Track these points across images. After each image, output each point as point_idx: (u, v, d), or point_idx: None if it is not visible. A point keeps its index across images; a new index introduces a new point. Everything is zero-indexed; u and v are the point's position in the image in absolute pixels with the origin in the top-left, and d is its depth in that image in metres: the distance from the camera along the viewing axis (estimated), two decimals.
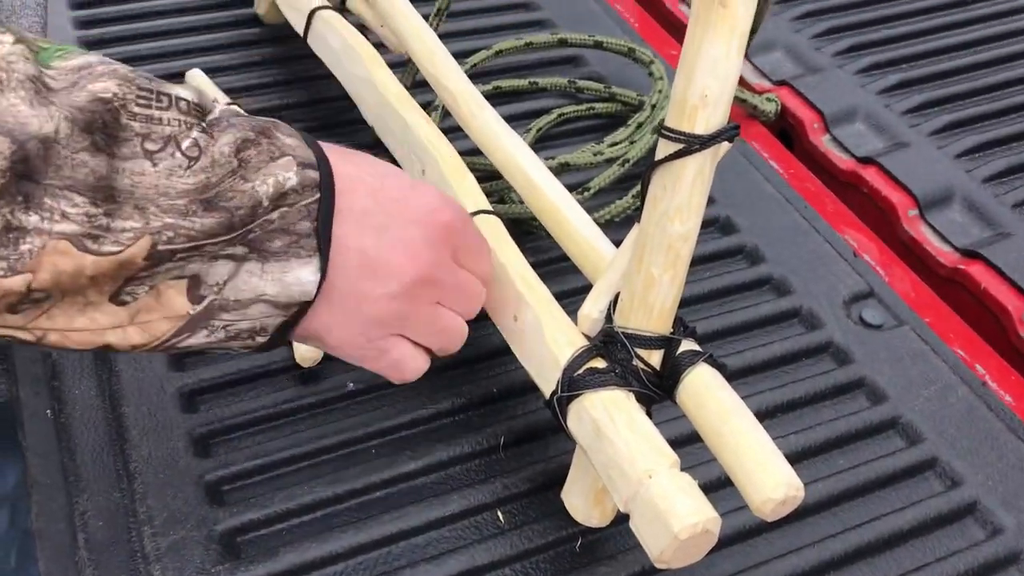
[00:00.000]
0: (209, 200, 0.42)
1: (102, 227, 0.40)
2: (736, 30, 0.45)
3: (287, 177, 0.44)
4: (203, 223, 0.42)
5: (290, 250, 0.45)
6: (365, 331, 0.50)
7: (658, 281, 0.50)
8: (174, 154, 0.41)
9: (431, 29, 0.75)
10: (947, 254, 0.82)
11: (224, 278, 0.44)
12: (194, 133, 0.42)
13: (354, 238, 0.47)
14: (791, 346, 0.72)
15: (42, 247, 0.39)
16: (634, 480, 0.47)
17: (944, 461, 0.66)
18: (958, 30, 1.04)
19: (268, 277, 0.45)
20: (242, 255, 0.44)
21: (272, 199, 0.44)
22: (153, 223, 0.41)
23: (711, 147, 0.47)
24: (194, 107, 0.43)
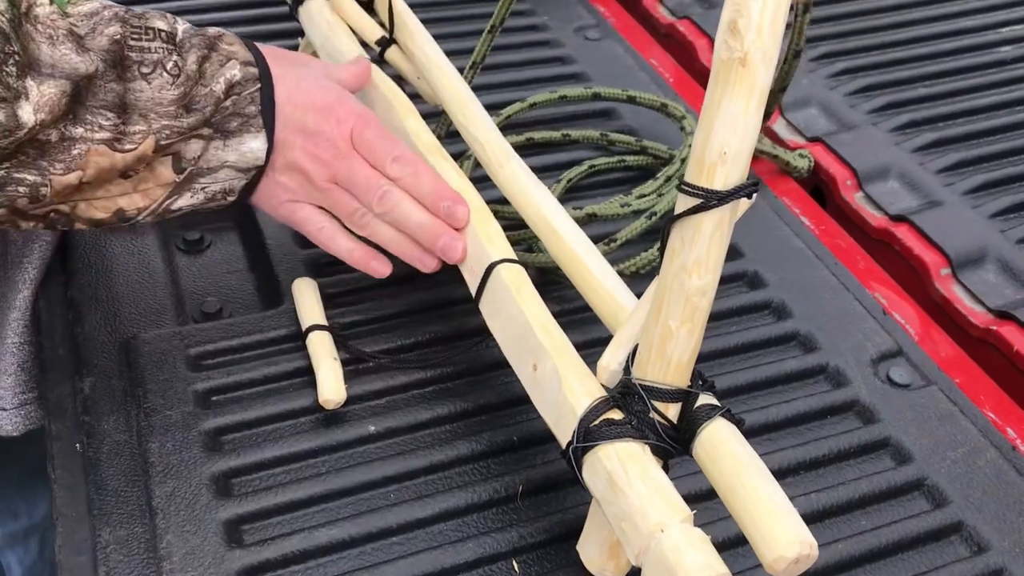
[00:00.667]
0: (187, 105, 0.58)
1: (123, 132, 0.56)
2: (755, 88, 0.45)
3: (234, 75, 0.60)
4: (187, 121, 0.58)
5: (243, 128, 0.61)
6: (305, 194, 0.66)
7: (675, 334, 0.50)
8: (161, 74, 0.57)
9: (465, 82, 0.76)
10: (979, 314, 0.81)
11: (197, 153, 0.60)
12: (173, 57, 0.58)
13: (288, 110, 0.63)
14: (816, 403, 0.71)
15: (87, 151, 0.55)
16: (646, 533, 0.47)
17: (970, 526, 0.64)
18: (994, 90, 1.04)
19: (229, 149, 0.61)
20: (208, 135, 0.60)
21: (225, 93, 0.60)
22: (153, 125, 0.57)
23: (729, 203, 0.47)
24: (169, 35, 0.58)
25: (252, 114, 0.61)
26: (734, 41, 0.45)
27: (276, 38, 1.01)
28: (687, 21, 1.12)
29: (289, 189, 0.65)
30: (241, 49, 0.62)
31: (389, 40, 0.83)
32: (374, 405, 0.69)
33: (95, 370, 0.69)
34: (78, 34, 0.54)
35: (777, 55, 0.46)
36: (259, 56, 0.63)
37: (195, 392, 0.68)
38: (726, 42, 0.45)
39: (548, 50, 1.06)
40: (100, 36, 0.55)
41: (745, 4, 0.45)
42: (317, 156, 0.64)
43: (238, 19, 1.04)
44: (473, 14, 1.09)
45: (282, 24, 1.02)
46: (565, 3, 1.13)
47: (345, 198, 0.66)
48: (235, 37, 0.62)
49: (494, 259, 0.64)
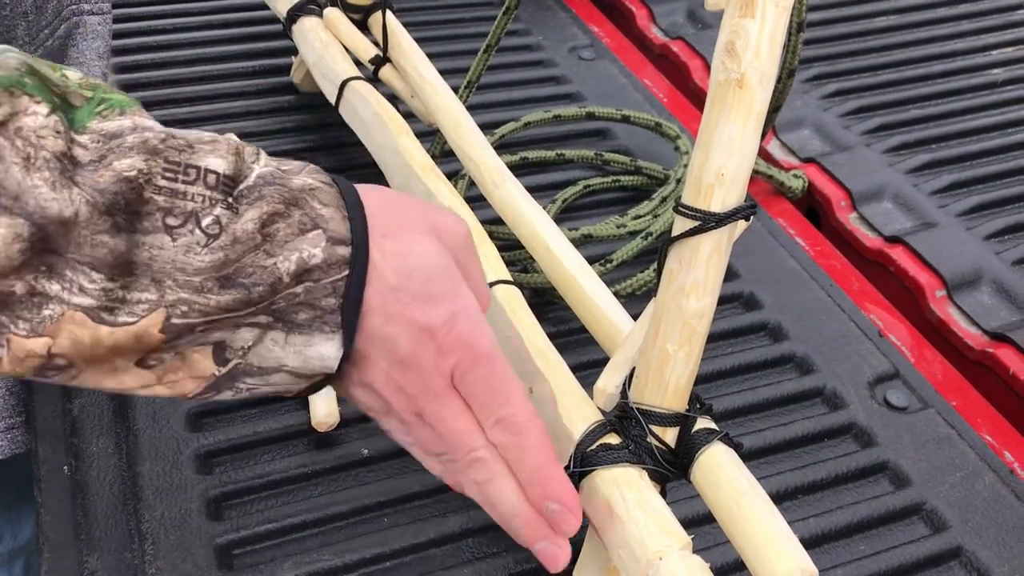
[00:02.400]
0: (226, 277, 0.42)
1: (118, 299, 0.41)
2: (753, 110, 0.45)
3: (313, 254, 0.43)
4: (218, 300, 0.42)
5: (314, 324, 0.44)
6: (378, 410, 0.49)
7: (673, 358, 0.49)
8: (193, 231, 0.41)
9: (459, 101, 0.76)
10: (975, 336, 0.81)
11: (248, 344, 0.44)
12: (217, 210, 0.42)
13: (380, 328, 0.46)
14: (813, 426, 0.71)
15: (61, 315, 0.41)
16: (643, 562, 0.46)
17: (969, 551, 0.64)
18: (989, 111, 1.04)
19: (291, 349, 0.45)
20: (266, 323, 0.44)
21: (294, 276, 0.43)
22: (168, 296, 0.42)
23: (727, 225, 0.47)
24: (223, 180, 0.42)
25: (330, 308, 0.44)
26: (731, 62, 0.45)
27: (270, 56, 1.01)
28: (681, 42, 1.13)
29: (363, 403, 0.49)
30: (336, 215, 0.44)
31: (383, 59, 0.83)
32: (367, 427, 0.68)
33: (83, 391, 0.68)
34: (74, 159, 0.40)
35: (775, 76, 0.46)
36: (360, 228, 0.45)
37: (186, 414, 0.67)
38: (723, 63, 0.45)
39: (542, 70, 1.06)
40: (105, 170, 0.40)
41: (742, 25, 0.44)
42: (402, 389, 0.47)
43: (231, 37, 1.04)
44: (468, 33, 1.09)
45: (276, 43, 1.02)
46: (560, 23, 1.13)
47: (431, 438, 0.49)
48: (334, 192, 0.45)
49: (489, 280, 0.63)
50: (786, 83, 0.81)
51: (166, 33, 1.03)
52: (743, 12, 0.44)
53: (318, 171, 0.46)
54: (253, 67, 1.00)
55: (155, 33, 1.03)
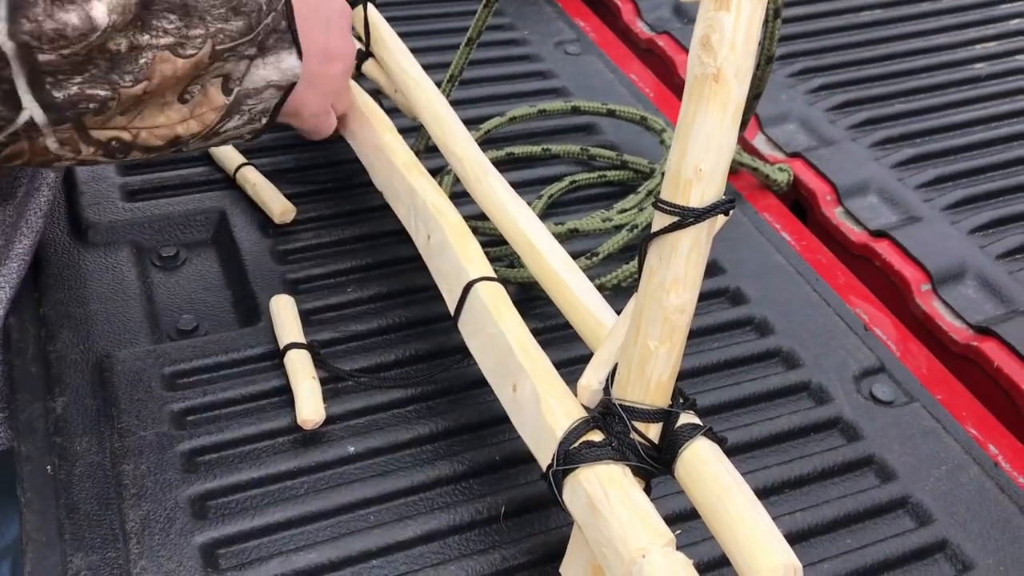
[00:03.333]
0: (236, 8, 0.57)
1: (185, 36, 0.55)
2: (729, 104, 0.45)
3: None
4: (236, 25, 0.58)
5: (278, 45, 0.62)
6: (324, 101, 0.74)
7: (655, 354, 0.49)
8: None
9: (443, 96, 0.76)
10: (960, 330, 0.81)
11: (243, 73, 0.60)
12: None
13: (310, 32, 0.66)
14: (799, 420, 0.71)
15: (153, 58, 0.54)
16: (627, 559, 0.46)
17: (955, 544, 0.64)
18: (973, 106, 1.05)
19: (270, 67, 0.62)
20: (252, 55, 0.60)
21: (267, 3, 0.60)
22: (211, 28, 0.56)
23: (706, 220, 0.47)
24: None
25: (284, 28, 0.62)
26: (707, 56, 0.45)
27: None
28: (666, 36, 1.12)
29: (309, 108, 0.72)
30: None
31: (366, 53, 0.82)
32: (353, 425, 0.68)
33: (67, 389, 0.68)
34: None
35: (751, 70, 0.45)
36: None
37: (170, 412, 0.67)
38: (699, 57, 0.45)
39: (528, 64, 1.06)
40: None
41: (717, 19, 0.44)
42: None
43: None
44: (452, 28, 1.08)
45: None
46: (545, 18, 1.13)
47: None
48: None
49: (472, 277, 0.63)
50: (765, 70, 0.81)
51: None
52: (718, 5, 0.44)
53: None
54: None
55: None
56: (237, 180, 0.85)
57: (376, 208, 0.83)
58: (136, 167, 0.87)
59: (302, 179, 0.87)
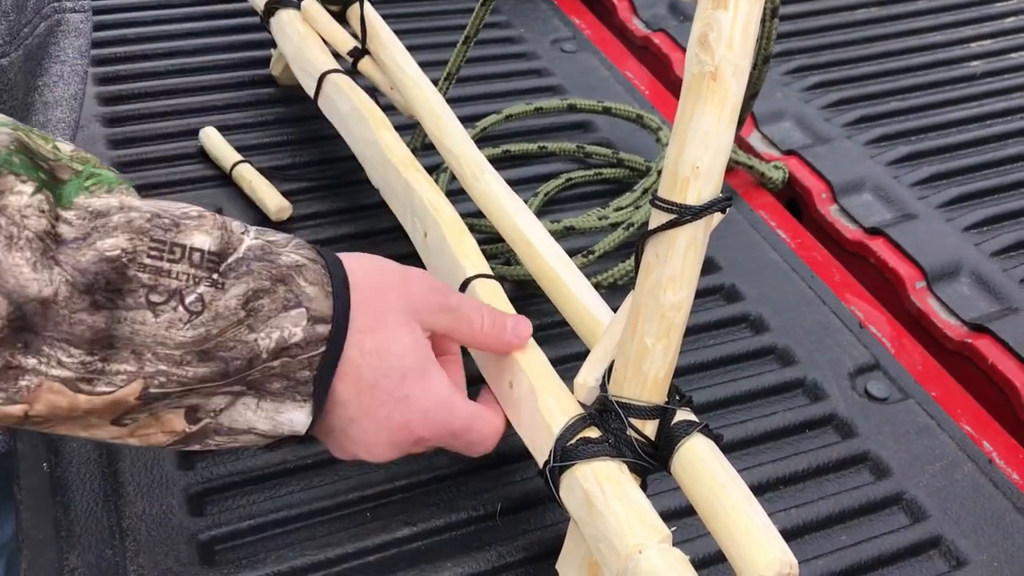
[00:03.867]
0: (206, 351, 0.44)
1: (96, 371, 0.43)
2: (727, 102, 0.45)
3: (293, 332, 0.46)
4: (196, 372, 0.44)
5: (286, 392, 0.47)
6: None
7: (651, 351, 0.50)
8: (176, 308, 0.43)
9: (439, 94, 0.76)
10: (954, 327, 0.82)
11: (221, 407, 0.47)
12: (200, 288, 0.44)
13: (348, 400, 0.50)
14: (794, 417, 0.71)
15: (38, 385, 0.42)
16: (623, 555, 0.46)
17: (949, 540, 0.64)
18: (967, 104, 1.05)
19: (262, 414, 0.47)
20: (239, 391, 0.46)
21: (272, 352, 0.46)
22: (147, 368, 0.43)
23: (703, 218, 0.47)
24: (209, 257, 0.44)
25: (303, 380, 0.47)
26: (705, 55, 0.45)
27: (250, 49, 1.00)
28: (662, 34, 1.13)
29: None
30: (320, 294, 0.47)
31: (362, 51, 0.82)
32: None
33: None
34: (60, 237, 0.41)
35: (748, 68, 0.46)
36: (342, 306, 0.48)
37: None
38: (697, 56, 0.45)
39: (524, 62, 1.06)
40: (88, 249, 0.41)
41: (715, 17, 0.44)
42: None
43: (211, 30, 1.03)
44: (448, 25, 1.08)
45: (256, 35, 1.01)
46: (541, 15, 1.13)
47: None
48: (320, 269, 0.48)
49: (469, 274, 0.63)
50: (762, 69, 0.82)
51: (145, 25, 1.02)
52: (716, 4, 0.44)
53: (305, 245, 0.49)
54: (233, 60, 0.99)
55: (134, 25, 1.02)
56: (233, 177, 0.85)
57: (373, 205, 0.83)
58: (131, 163, 0.87)
59: (298, 176, 0.87)
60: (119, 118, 0.91)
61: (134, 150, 0.88)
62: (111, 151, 0.87)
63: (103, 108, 0.91)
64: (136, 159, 0.87)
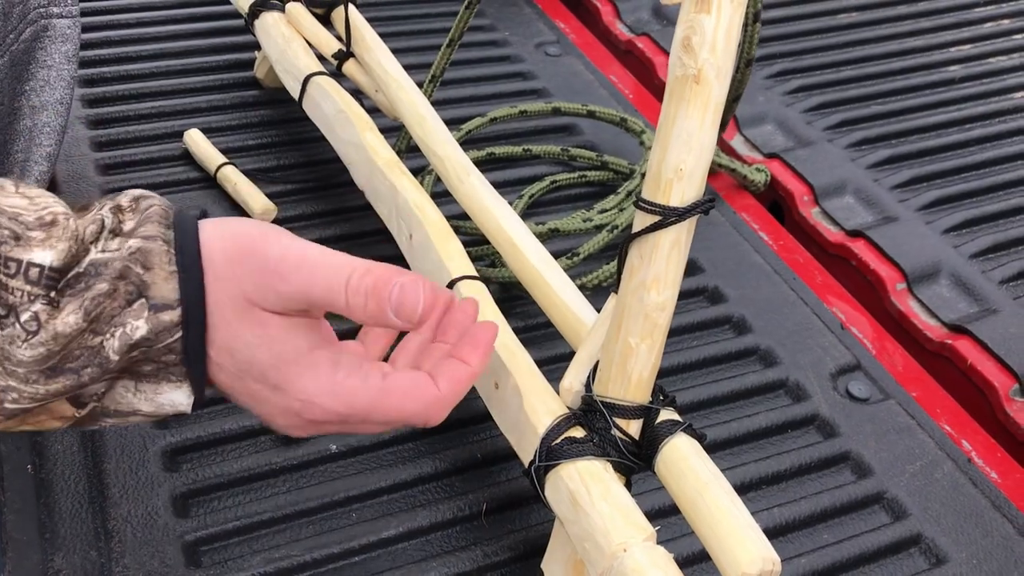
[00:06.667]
0: (52, 368, 0.42)
1: None
2: (710, 105, 0.45)
3: (136, 327, 0.43)
4: (47, 388, 0.42)
5: (160, 374, 0.45)
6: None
7: (635, 351, 0.50)
8: (14, 324, 0.41)
9: (424, 96, 0.76)
10: (935, 328, 0.83)
11: (101, 391, 0.44)
12: (36, 306, 0.41)
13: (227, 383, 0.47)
14: (777, 418, 0.72)
15: None
16: (608, 554, 0.47)
17: (929, 538, 0.65)
18: (947, 108, 1.06)
19: (142, 396, 0.45)
20: (113, 377, 0.44)
21: (121, 352, 0.43)
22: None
23: (687, 219, 0.47)
24: (48, 274, 0.42)
25: (172, 362, 0.45)
26: (688, 58, 0.45)
27: (234, 51, 1.00)
28: (646, 38, 1.13)
29: None
30: (159, 277, 0.43)
31: (346, 53, 0.82)
32: None
33: None
34: None
35: (731, 71, 0.46)
36: (194, 287, 0.44)
37: None
38: (680, 59, 0.45)
39: (509, 66, 1.06)
40: None
41: (698, 21, 0.44)
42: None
43: (195, 32, 1.03)
44: (434, 28, 1.09)
45: (240, 37, 1.01)
46: (526, 19, 1.14)
47: None
48: (164, 247, 0.44)
49: (454, 276, 0.63)
50: (744, 73, 0.82)
51: (128, 28, 1.02)
52: (699, 7, 0.44)
53: (159, 217, 0.44)
54: (217, 62, 0.99)
55: (117, 27, 1.02)
56: (218, 179, 0.85)
57: (358, 207, 0.83)
58: (116, 165, 0.86)
59: (283, 178, 0.87)
60: (103, 120, 0.91)
61: (118, 152, 0.88)
62: (95, 153, 0.87)
63: (87, 110, 0.91)
64: (120, 161, 0.87)
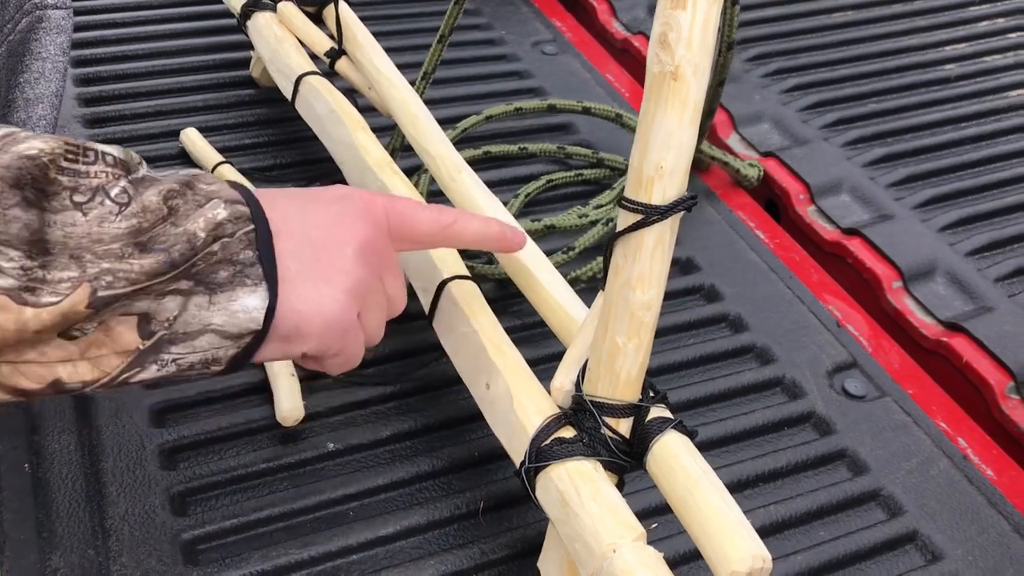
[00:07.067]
0: (143, 243, 0.43)
1: (38, 279, 0.41)
2: (689, 101, 0.45)
3: (217, 212, 0.45)
4: (141, 264, 0.43)
5: (235, 279, 0.46)
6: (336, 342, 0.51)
7: (623, 350, 0.50)
8: (103, 202, 0.42)
9: (416, 94, 0.76)
10: (930, 326, 0.83)
11: (174, 313, 0.44)
12: (122, 183, 0.43)
13: (294, 263, 0.48)
14: (773, 415, 0.72)
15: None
16: (598, 554, 0.47)
17: (925, 535, 0.65)
18: (943, 106, 1.06)
19: (215, 308, 0.45)
20: (188, 289, 0.45)
21: (208, 230, 0.45)
22: (90, 270, 0.42)
23: (670, 217, 0.47)
24: (120, 161, 0.44)
25: (248, 261, 0.46)
26: (665, 55, 0.44)
27: (229, 50, 1.00)
28: (642, 36, 1.13)
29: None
30: (224, 187, 0.47)
31: (339, 52, 0.82)
32: (332, 421, 0.68)
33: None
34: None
35: (709, 67, 0.45)
36: (248, 193, 0.48)
37: (149, 409, 0.67)
38: (657, 56, 0.45)
39: (505, 64, 1.06)
40: (4, 153, 0.41)
41: (674, 17, 0.44)
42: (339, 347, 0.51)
43: (190, 31, 1.03)
44: (428, 27, 1.09)
45: (236, 36, 1.01)
46: (523, 18, 1.14)
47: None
48: (213, 176, 0.48)
49: (444, 276, 0.63)
50: (726, 56, 0.82)
51: (124, 27, 1.02)
52: (674, 4, 0.44)
53: (189, 169, 0.48)
54: (213, 61, 0.99)
55: (113, 27, 1.02)
56: None
57: None
58: None
59: (280, 177, 0.87)
60: (99, 119, 0.91)
61: None
62: None
63: (83, 109, 0.91)
64: None
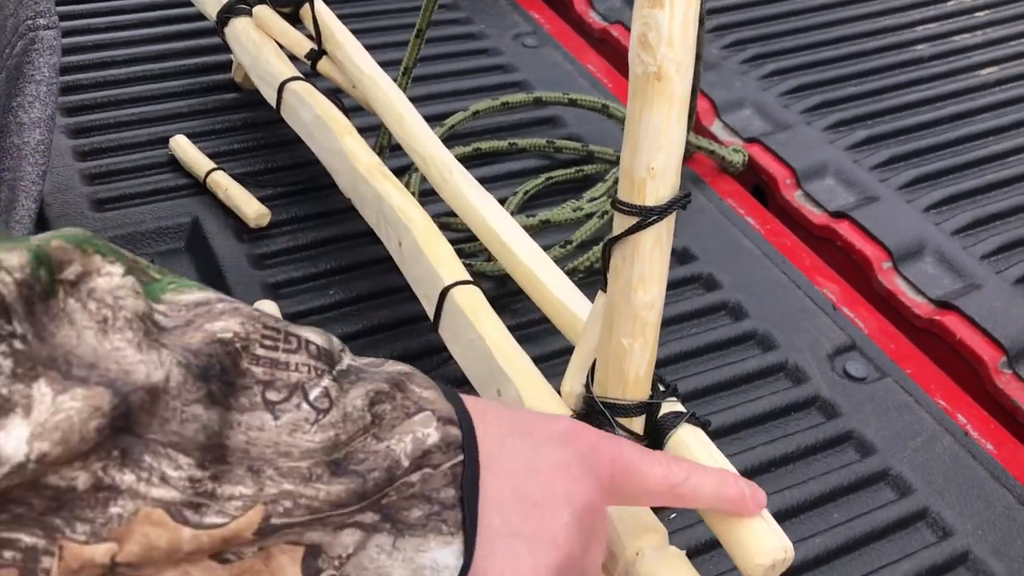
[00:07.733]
0: (337, 462, 0.36)
1: (206, 493, 0.34)
2: (675, 100, 0.44)
3: (427, 433, 0.38)
4: (329, 490, 0.35)
5: (429, 523, 0.38)
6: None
7: (629, 351, 0.49)
8: (300, 405, 0.36)
9: (401, 92, 0.74)
10: (922, 305, 0.84)
11: (349, 551, 0.37)
12: (324, 381, 0.36)
13: (498, 516, 0.39)
14: (779, 401, 0.73)
15: (134, 513, 0.32)
16: (622, 560, 0.47)
17: (934, 511, 0.67)
18: (918, 87, 1.08)
19: (399, 555, 0.38)
20: (372, 524, 0.37)
21: (412, 458, 0.37)
22: (268, 489, 0.34)
23: (665, 217, 0.46)
24: (324, 352, 0.37)
25: (448, 502, 0.38)
26: (647, 55, 0.44)
27: (211, 53, 0.99)
28: (619, 26, 1.14)
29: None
30: (438, 397, 0.40)
31: (319, 52, 0.81)
32: None
33: None
34: (157, 324, 0.34)
35: (692, 64, 0.45)
36: (462, 411, 0.40)
37: None
38: (639, 56, 0.44)
39: (488, 58, 1.06)
40: (195, 331, 0.35)
41: (653, 16, 0.43)
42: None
43: (169, 35, 1.01)
44: (406, 24, 1.08)
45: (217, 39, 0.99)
46: (500, 10, 1.13)
47: None
48: (428, 379, 0.41)
49: (446, 283, 0.62)
50: (700, 31, 0.82)
51: (100, 32, 1.00)
52: (652, 3, 0.43)
53: (400, 363, 0.41)
54: (195, 64, 0.98)
55: (88, 32, 1.00)
56: (208, 185, 0.84)
57: (350, 208, 0.82)
58: (102, 175, 0.85)
59: (273, 181, 0.87)
60: (84, 128, 0.89)
61: (103, 161, 0.86)
62: (79, 163, 0.85)
63: (67, 119, 0.89)
64: (106, 170, 0.85)
